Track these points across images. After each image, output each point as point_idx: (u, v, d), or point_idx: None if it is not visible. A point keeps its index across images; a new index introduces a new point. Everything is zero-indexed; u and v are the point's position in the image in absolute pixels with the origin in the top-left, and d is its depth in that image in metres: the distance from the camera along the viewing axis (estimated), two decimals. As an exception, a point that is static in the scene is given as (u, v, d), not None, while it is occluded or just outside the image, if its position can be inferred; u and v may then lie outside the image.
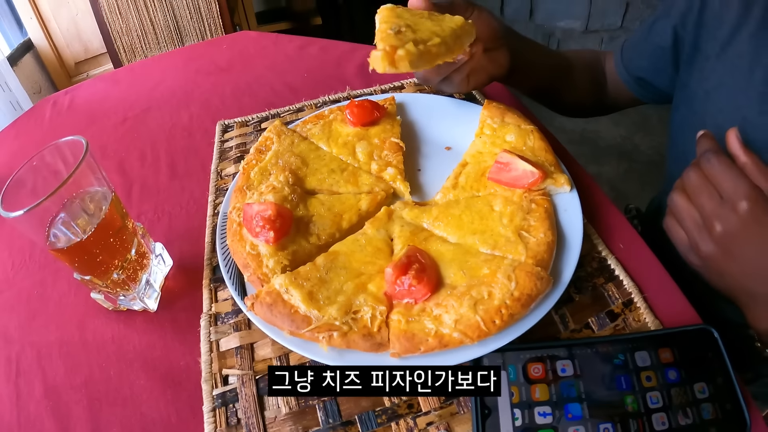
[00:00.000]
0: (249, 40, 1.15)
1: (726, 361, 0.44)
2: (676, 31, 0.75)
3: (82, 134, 0.88)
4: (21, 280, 0.65)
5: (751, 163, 0.52)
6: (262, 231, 0.48)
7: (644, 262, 0.54)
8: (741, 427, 0.41)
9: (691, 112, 0.73)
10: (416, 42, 0.44)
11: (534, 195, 0.51)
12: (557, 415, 0.39)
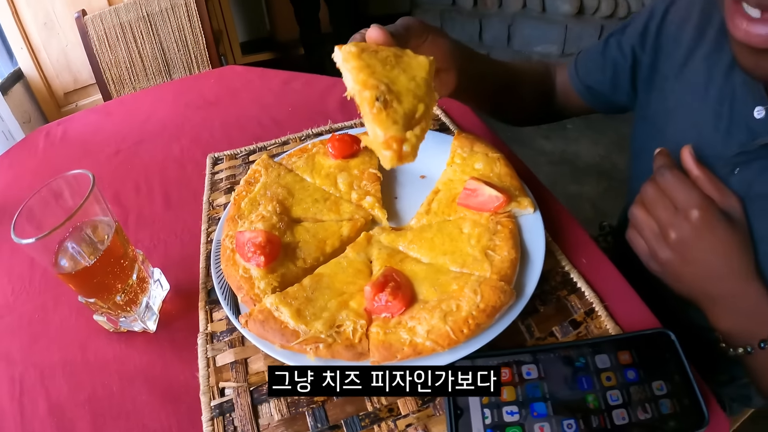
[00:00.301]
0: (236, 74, 1.20)
1: (683, 361, 0.48)
2: (634, 51, 0.79)
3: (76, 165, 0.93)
4: (21, 304, 0.67)
5: (703, 176, 0.57)
6: (254, 256, 0.53)
7: (606, 275, 0.59)
8: (699, 420, 0.45)
9: (652, 130, 0.77)
10: (407, 117, 0.45)
11: (500, 217, 0.56)
12: (524, 414, 0.44)
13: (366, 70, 0.47)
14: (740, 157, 0.60)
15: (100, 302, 0.54)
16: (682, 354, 0.49)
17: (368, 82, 0.46)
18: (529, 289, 0.51)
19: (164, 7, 1.74)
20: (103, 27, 1.69)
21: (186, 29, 1.77)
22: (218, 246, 0.59)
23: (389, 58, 0.50)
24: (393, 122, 0.45)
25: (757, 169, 0.59)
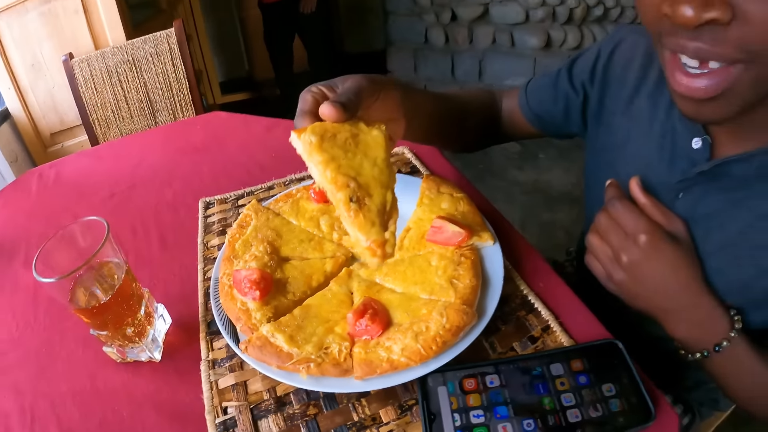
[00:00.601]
0: (221, 120, 1.29)
1: (630, 365, 0.56)
2: (584, 86, 0.85)
3: (72, 208, 1.01)
4: (27, 340, 0.72)
5: (649, 204, 0.63)
6: (250, 291, 0.60)
7: (561, 295, 0.67)
8: (646, 415, 0.52)
9: (603, 162, 0.83)
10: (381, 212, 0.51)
11: (463, 250, 0.65)
12: (488, 416, 0.51)
13: (332, 164, 0.51)
14: (682, 184, 0.66)
15: (112, 334, 0.60)
16: (629, 359, 0.56)
17: (339, 181, 0.51)
18: (490, 311, 0.59)
19: (149, 52, 1.82)
20: (90, 70, 1.76)
21: (170, 73, 1.85)
22: (216, 283, 0.66)
23: (348, 142, 0.54)
24: (371, 224, 0.50)
25: (698, 194, 0.65)
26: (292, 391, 0.57)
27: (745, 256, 0.62)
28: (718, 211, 0.64)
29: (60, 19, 1.90)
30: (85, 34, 1.95)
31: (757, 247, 0.60)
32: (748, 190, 0.61)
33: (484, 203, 0.82)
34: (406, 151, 0.99)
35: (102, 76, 1.78)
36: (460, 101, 0.92)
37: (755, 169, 0.59)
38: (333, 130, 0.54)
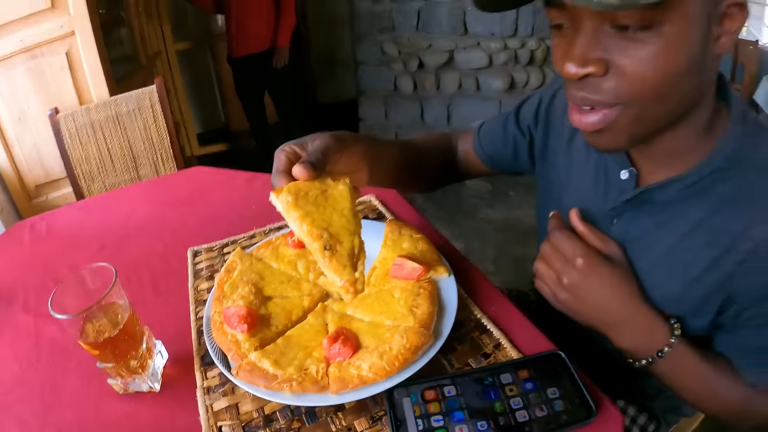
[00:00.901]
0: (203, 174, 1.39)
1: (572, 371, 0.65)
2: (530, 130, 0.94)
3: (66, 258, 1.10)
4: (31, 377, 0.77)
5: (586, 231, 0.72)
6: (239, 325, 0.70)
7: (511, 317, 0.78)
8: (588, 413, 0.60)
9: (549, 197, 0.91)
10: (351, 255, 0.62)
11: (422, 283, 0.75)
12: (447, 420, 0.60)
13: (307, 219, 0.62)
14: (615, 211, 0.74)
15: (117, 366, 0.69)
16: (571, 366, 0.65)
17: (314, 233, 0.61)
18: (445, 332, 0.70)
19: (132, 108, 1.91)
20: (75, 125, 1.84)
21: (151, 128, 1.95)
22: (208, 320, 0.75)
23: (319, 198, 0.64)
24: (343, 267, 0.61)
25: (629, 219, 0.73)
26: (278, 410, 0.66)
27: (675, 271, 0.69)
28: (647, 233, 0.72)
29: (46, 74, 1.98)
30: (70, 89, 2.02)
31: (684, 262, 0.68)
32: (670, 212, 0.69)
33: (443, 241, 0.93)
34: (373, 199, 1.11)
35: (87, 131, 1.86)
36: (417, 147, 1.00)
37: (675, 193, 0.67)
38: (305, 188, 0.64)
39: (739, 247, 0.63)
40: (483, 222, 3.14)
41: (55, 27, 1.93)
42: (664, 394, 0.93)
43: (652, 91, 0.56)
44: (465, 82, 4.19)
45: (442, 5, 4.01)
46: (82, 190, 1.89)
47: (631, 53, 0.54)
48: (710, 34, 0.55)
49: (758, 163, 0.63)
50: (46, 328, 0.87)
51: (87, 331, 0.68)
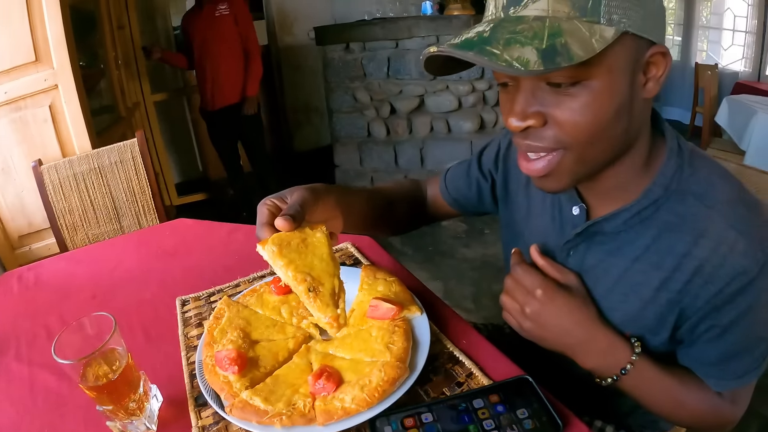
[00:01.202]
0: (187, 227, 1.45)
1: (539, 393, 0.70)
2: (491, 174, 1.01)
3: (57, 307, 1.15)
4: (28, 424, 0.79)
5: (545, 264, 0.78)
6: (230, 366, 0.76)
7: (482, 348, 0.84)
8: (555, 428, 0.65)
9: (513, 234, 0.97)
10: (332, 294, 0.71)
11: (397, 322, 0.82)
12: None
13: (291, 265, 0.70)
14: (569, 244, 0.80)
15: (116, 408, 0.73)
16: (538, 389, 0.71)
17: (298, 278, 0.69)
18: (420, 365, 0.77)
19: (114, 160, 1.97)
20: (58, 176, 1.88)
21: (133, 180, 2.01)
22: (200, 364, 0.81)
23: (300, 246, 0.72)
24: (326, 306, 0.69)
25: (583, 250, 0.79)
26: None
27: (630, 293, 0.75)
28: (600, 262, 0.78)
29: (30, 126, 2.04)
30: (53, 141, 2.08)
31: (637, 284, 0.74)
32: (619, 241, 0.75)
33: (416, 283, 1.01)
34: (349, 246, 1.19)
35: (70, 182, 1.90)
36: (386, 194, 1.07)
37: (621, 224, 0.74)
38: (287, 238, 0.73)
39: (685, 266, 0.70)
40: (460, 261, 3.23)
41: (39, 80, 2.00)
42: (639, 410, 0.96)
43: (587, 137, 0.63)
44: (436, 125, 4.33)
45: (411, 52, 4.18)
46: (65, 241, 1.92)
47: (565, 106, 0.62)
48: (636, 83, 0.63)
49: (694, 189, 0.71)
50: (40, 375, 0.90)
51: (87, 375, 0.72)
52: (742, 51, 6.16)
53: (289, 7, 5.13)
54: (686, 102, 6.24)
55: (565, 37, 0.56)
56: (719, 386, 0.76)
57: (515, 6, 0.61)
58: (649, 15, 0.61)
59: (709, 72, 4.60)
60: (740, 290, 0.67)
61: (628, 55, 0.61)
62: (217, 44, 3.40)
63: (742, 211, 0.69)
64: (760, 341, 0.73)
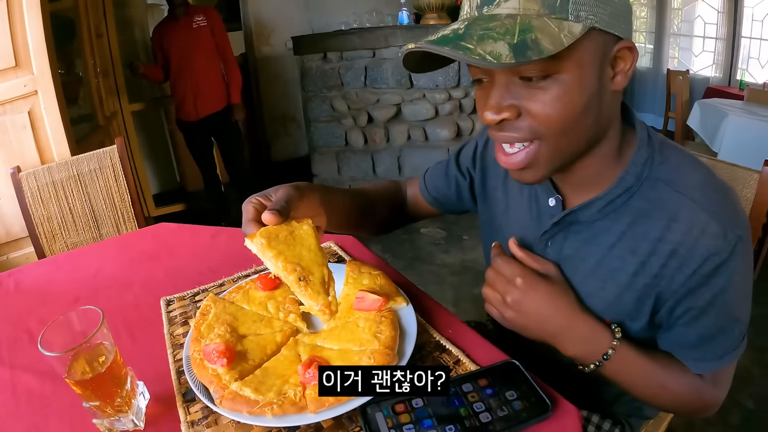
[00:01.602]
0: (169, 231, 1.44)
1: (526, 375, 0.73)
2: (469, 172, 1.04)
3: (39, 311, 1.14)
4: (13, 425, 0.78)
5: (524, 256, 0.81)
6: (219, 359, 0.76)
7: (468, 337, 0.86)
8: (544, 409, 0.68)
9: (493, 229, 1.00)
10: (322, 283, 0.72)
11: (383, 313, 0.84)
12: (418, 428, 0.66)
13: (281, 257, 0.71)
14: (547, 234, 0.83)
15: (103, 405, 0.72)
16: (525, 372, 0.74)
17: (288, 268, 0.70)
18: (408, 353, 0.78)
19: (93, 168, 1.95)
20: (37, 183, 1.86)
21: (113, 188, 2.00)
22: (188, 359, 0.81)
23: (288, 238, 0.73)
24: (317, 293, 0.70)
25: (561, 240, 0.82)
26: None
27: (608, 279, 0.78)
28: (578, 250, 0.81)
29: (9, 133, 2.01)
30: (32, 148, 2.06)
31: (614, 270, 0.77)
32: (595, 229, 0.79)
33: (399, 276, 1.03)
34: (332, 245, 1.21)
35: (48, 190, 1.88)
36: (368, 194, 1.10)
37: (596, 212, 0.77)
38: (275, 231, 0.74)
39: (659, 251, 0.73)
40: (440, 267, 3.27)
41: (19, 85, 1.98)
42: (623, 398, 1.00)
43: (559, 127, 0.67)
44: (413, 133, 4.38)
45: (387, 61, 4.23)
46: (43, 250, 1.89)
47: (537, 99, 0.65)
48: (604, 76, 0.67)
49: (665, 176, 0.74)
50: (23, 378, 0.89)
51: (74, 370, 0.72)
52: (712, 57, 6.36)
53: (266, 17, 5.14)
54: (659, 108, 6.40)
55: (535, 33, 0.59)
56: (699, 368, 0.79)
57: (488, 5, 0.64)
58: (616, 12, 0.65)
59: (680, 77, 4.74)
60: (714, 271, 0.71)
61: (596, 50, 0.65)
62: (197, 55, 3.42)
63: (712, 194, 0.72)
64: (736, 322, 0.76)
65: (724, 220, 0.70)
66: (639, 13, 7.34)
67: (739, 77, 5.91)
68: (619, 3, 0.65)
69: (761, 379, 2.16)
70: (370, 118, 4.37)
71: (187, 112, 3.52)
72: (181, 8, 3.35)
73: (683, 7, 6.79)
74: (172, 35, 3.39)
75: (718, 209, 0.71)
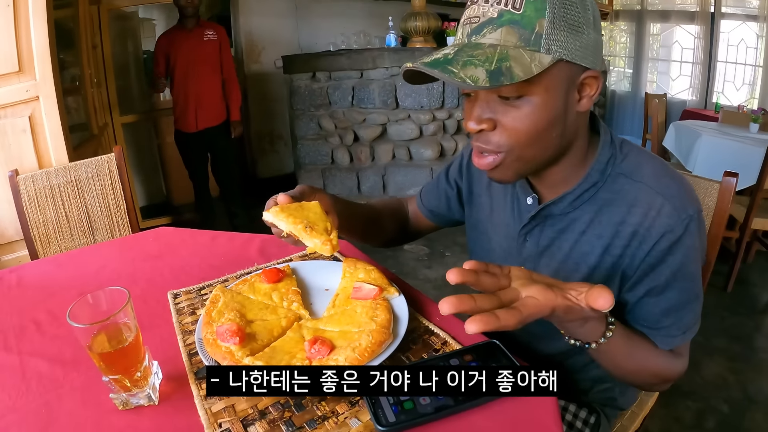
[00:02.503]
0: (169, 234, 1.50)
1: (507, 353, 0.80)
2: (456, 183, 1.16)
3: (44, 304, 1.17)
4: (24, 405, 0.80)
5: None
6: (231, 338, 0.83)
7: (453, 323, 0.94)
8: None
9: (478, 233, 1.10)
10: (325, 231, 0.84)
11: (378, 301, 0.93)
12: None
13: (290, 217, 0.84)
14: (525, 228, 0.95)
15: (123, 377, 0.78)
16: (505, 350, 0.81)
17: (296, 222, 0.83)
18: (401, 334, 0.87)
19: (90, 174, 2.00)
20: (34, 187, 1.89)
21: (109, 195, 2.04)
22: (200, 341, 0.87)
23: (297, 208, 0.87)
24: (320, 234, 0.82)
25: (537, 233, 0.93)
26: (270, 404, 0.78)
27: (580, 262, 0.89)
28: (553, 240, 0.92)
29: (8, 136, 2.04)
30: (31, 152, 2.09)
31: (585, 254, 0.88)
32: (567, 220, 0.90)
33: (390, 274, 1.10)
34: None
35: (45, 194, 1.92)
36: (376, 207, 1.23)
37: (567, 205, 0.89)
38: (287, 205, 0.87)
39: (622, 233, 0.84)
40: (423, 282, 3.37)
41: (21, 90, 2.02)
42: (597, 386, 1.08)
43: (525, 140, 0.78)
44: (398, 152, 4.49)
45: (374, 82, 4.35)
46: (38, 253, 1.92)
47: (510, 115, 0.77)
48: (570, 99, 0.79)
49: (625, 170, 0.86)
50: (31, 362, 0.92)
51: (95, 344, 0.78)
52: (689, 81, 6.63)
53: (257, 36, 5.25)
54: (637, 129, 6.64)
55: (510, 62, 0.71)
56: (666, 344, 0.87)
57: (476, 34, 0.76)
58: (584, 45, 0.76)
59: (657, 100, 4.95)
60: (670, 248, 0.81)
61: (563, 77, 0.76)
62: (203, 67, 3.50)
63: (666, 180, 0.84)
64: (696, 298, 0.86)
65: (677, 201, 0.81)
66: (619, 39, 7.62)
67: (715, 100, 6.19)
68: (588, 38, 0.76)
69: (736, 385, 2.28)
70: (356, 136, 4.47)
71: (188, 122, 3.58)
72: (192, 20, 3.42)
73: (661, 33, 7.08)
74: (182, 44, 3.43)
75: (672, 192, 0.82)
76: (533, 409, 0.75)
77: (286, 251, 1.31)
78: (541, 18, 0.72)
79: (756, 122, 4.11)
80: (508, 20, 0.73)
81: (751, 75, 6.16)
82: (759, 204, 2.96)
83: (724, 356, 2.41)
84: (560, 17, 0.73)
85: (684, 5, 6.67)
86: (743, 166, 3.13)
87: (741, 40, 6.20)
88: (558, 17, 0.73)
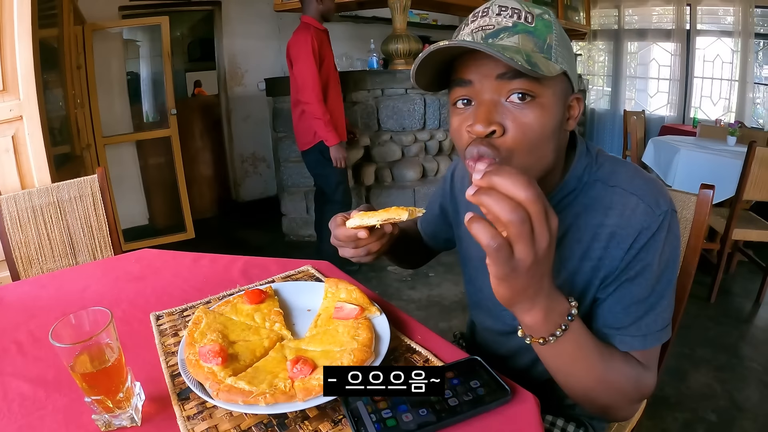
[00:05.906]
0: (152, 256, 1.51)
1: (488, 367, 0.83)
2: (444, 206, 1.22)
3: (25, 325, 1.17)
4: (5, 426, 0.80)
5: None
6: (213, 359, 0.85)
7: (435, 342, 0.97)
8: (505, 393, 0.77)
9: (468, 245, 1.12)
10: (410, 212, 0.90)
11: (360, 320, 0.95)
12: (394, 412, 0.74)
13: (376, 214, 0.92)
14: None
15: (106, 398, 0.78)
16: (486, 365, 0.83)
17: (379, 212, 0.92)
18: (383, 353, 0.89)
19: (73, 195, 1.99)
20: (17, 208, 1.88)
21: (91, 216, 2.04)
22: (183, 362, 0.88)
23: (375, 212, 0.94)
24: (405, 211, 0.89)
25: None
26: (253, 425, 0.79)
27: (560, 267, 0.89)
28: None
29: None
30: (13, 172, 2.09)
31: (564, 258, 0.89)
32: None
33: (371, 294, 1.13)
34: (310, 268, 1.33)
35: (28, 215, 1.91)
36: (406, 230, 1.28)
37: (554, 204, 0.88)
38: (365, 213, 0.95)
39: (600, 235, 0.86)
40: (407, 302, 3.39)
41: (4, 109, 2.02)
42: None
43: (528, 145, 0.78)
44: (381, 175, 4.51)
45: (358, 104, 4.39)
46: (19, 274, 1.90)
47: (518, 118, 0.78)
48: (564, 114, 0.82)
49: (600, 177, 0.89)
50: (13, 383, 0.91)
51: (77, 364, 0.78)
52: (667, 97, 6.80)
53: (240, 58, 5.29)
54: (617, 147, 6.77)
55: (534, 59, 0.74)
56: (624, 344, 0.83)
57: (494, 38, 0.78)
58: (574, 68, 0.82)
59: (635, 117, 5.07)
60: (645, 245, 0.83)
61: (563, 90, 0.81)
62: None
63: (638, 182, 0.87)
64: (661, 299, 0.84)
65: (651, 200, 0.84)
66: (597, 58, 7.79)
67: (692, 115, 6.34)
68: (574, 62, 0.83)
69: (722, 394, 2.32)
70: (339, 159, 4.48)
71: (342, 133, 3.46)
72: None
73: (639, 51, 7.27)
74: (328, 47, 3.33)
75: (645, 192, 0.85)
76: (517, 424, 0.77)
77: (269, 273, 1.33)
78: (550, 33, 0.79)
79: (733, 135, 4.25)
80: (523, 29, 0.78)
81: (727, 89, 6.36)
82: (739, 215, 3.04)
83: (710, 366, 2.45)
84: (561, 37, 0.80)
85: (660, 23, 6.90)
86: (722, 179, 3.23)
87: (717, 56, 6.40)
88: (560, 37, 0.80)
